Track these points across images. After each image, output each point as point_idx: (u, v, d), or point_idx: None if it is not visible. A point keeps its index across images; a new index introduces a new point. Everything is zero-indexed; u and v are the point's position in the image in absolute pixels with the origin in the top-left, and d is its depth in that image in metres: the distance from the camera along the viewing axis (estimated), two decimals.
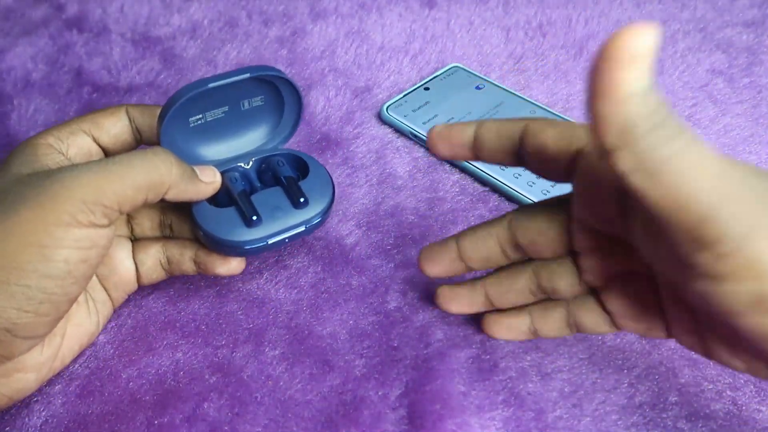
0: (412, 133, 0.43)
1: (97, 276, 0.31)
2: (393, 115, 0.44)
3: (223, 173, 0.32)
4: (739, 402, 0.29)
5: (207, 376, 0.31)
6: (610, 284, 0.26)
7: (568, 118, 0.43)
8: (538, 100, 0.46)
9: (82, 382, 0.30)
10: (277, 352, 0.32)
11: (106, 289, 0.31)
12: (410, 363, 0.31)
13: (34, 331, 0.25)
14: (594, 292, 0.27)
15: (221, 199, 0.31)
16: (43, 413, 0.29)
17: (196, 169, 0.30)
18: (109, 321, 0.33)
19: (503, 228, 0.28)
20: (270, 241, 0.30)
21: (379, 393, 0.30)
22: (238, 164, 0.33)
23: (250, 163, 0.33)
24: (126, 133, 0.31)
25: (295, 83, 0.31)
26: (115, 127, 0.30)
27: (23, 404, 0.29)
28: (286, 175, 0.32)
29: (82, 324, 0.30)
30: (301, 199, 0.31)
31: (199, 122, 0.31)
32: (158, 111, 0.31)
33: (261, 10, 0.57)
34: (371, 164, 0.42)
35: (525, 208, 0.27)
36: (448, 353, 0.31)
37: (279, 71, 0.30)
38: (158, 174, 0.27)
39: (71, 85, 0.50)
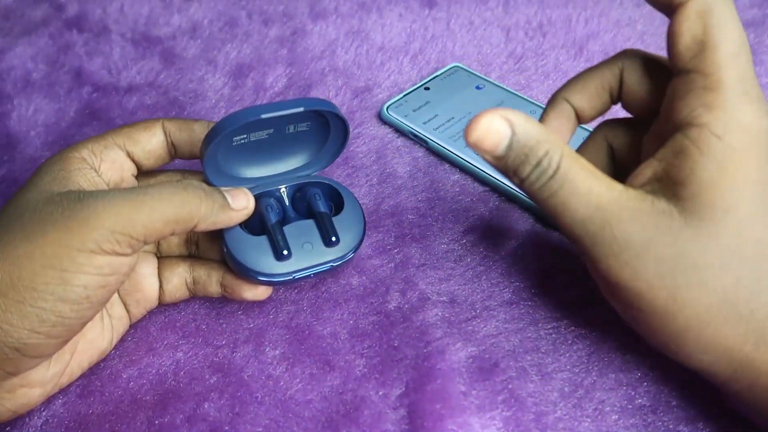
0: (412, 133, 0.43)
1: (118, 291, 0.31)
2: (393, 115, 0.44)
3: (258, 198, 0.31)
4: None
5: (207, 376, 0.31)
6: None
7: None
8: (539, 100, 0.46)
9: (83, 382, 0.30)
10: (277, 352, 0.32)
11: (126, 305, 0.31)
12: (410, 363, 0.31)
13: (43, 351, 0.25)
14: None
15: (254, 223, 0.31)
16: (44, 413, 0.29)
17: (228, 194, 0.29)
18: None
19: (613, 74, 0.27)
20: (296, 276, 0.30)
21: (380, 393, 0.30)
22: (274, 188, 0.33)
23: (286, 189, 0.33)
24: (160, 148, 0.30)
25: (345, 118, 0.31)
26: (149, 142, 0.30)
27: None
28: (321, 211, 0.32)
29: (95, 341, 0.29)
30: (333, 238, 0.31)
31: (242, 141, 0.31)
32: (195, 125, 0.30)
33: (261, 10, 0.57)
34: (371, 164, 0.42)
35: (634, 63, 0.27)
36: (448, 353, 0.31)
37: (333, 106, 0.30)
38: (188, 209, 0.26)
39: (71, 85, 0.50)
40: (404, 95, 0.46)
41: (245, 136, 0.30)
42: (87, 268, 0.24)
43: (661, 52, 0.49)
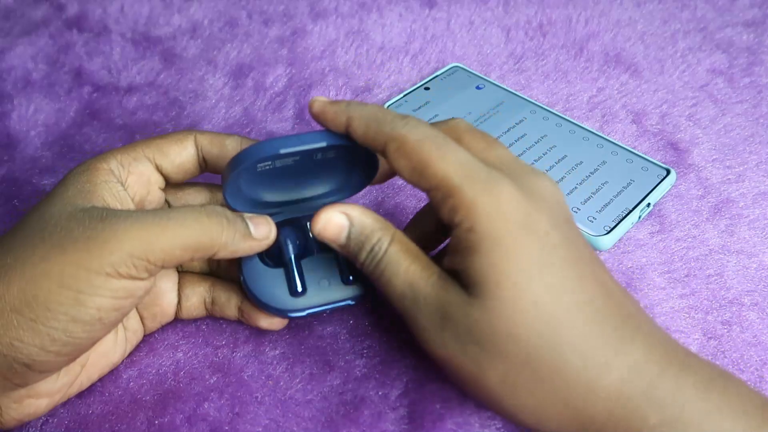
0: None
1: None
2: None
3: (280, 227, 0.30)
4: None
5: (207, 376, 0.31)
6: None
7: (568, 118, 0.43)
8: (539, 100, 0.46)
9: None
10: (277, 352, 0.32)
11: (142, 318, 0.31)
12: (410, 362, 0.31)
13: (51, 368, 0.25)
14: None
15: (273, 253, 0.30)
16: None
17: (251, 222, 0.28)
18: None
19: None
20: (310, 311, 0.29)
21: (380, 393, 0.30)
22: (299, 216, 0.32)
23: (309, 222, 0.31)
24: (190, 162, 0.30)
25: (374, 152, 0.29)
26: (179, 156, 0.30)
27: None
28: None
29: (107, 354, 0.29)
30: (351, 277, 0.30)
31: (267, 167, 0.29)
32: (227, 140, 0.30)
33: (261, 9, 0.57)
34: None
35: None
36: None
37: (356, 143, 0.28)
38: (209, 236, 0.26)
39: (71, 85, 0.50)
40: (404, 95, 0.46)
41: (270, 162, 0.29)
42: (102, 291, 0.24)
43: (661, 52, 0.49)
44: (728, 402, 0.22)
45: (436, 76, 0.48)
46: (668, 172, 0.39)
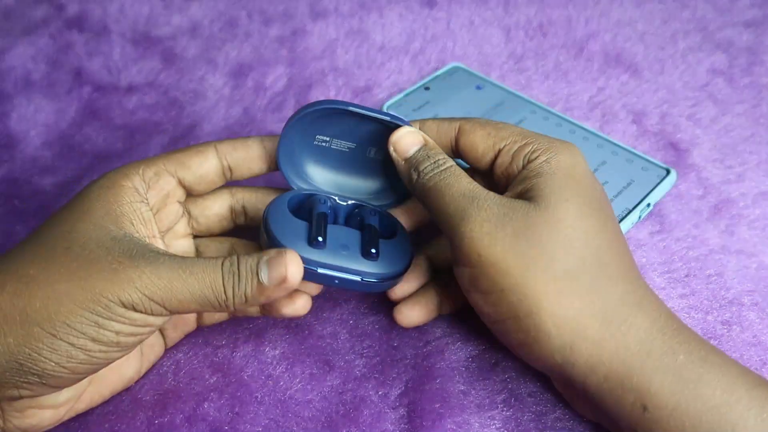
0: None
1: None
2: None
3: (315, 195, 0.31)
4: None
5: (207, 376, 0.31)
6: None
7: (568, 118, 0.43)
8: (539, 100, 0.46)
9: None
10: (277, 352, 0.32)
11: (163, 330, 0.31)
12: (410, 362, 0.31)
13: (63, 384, 0.25)
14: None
15: (303, 212, 0.30)
16: None
17: (264, 266, 0.25)
18: None
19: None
20: (320, 270, 0.28)
21: (379, 392, 0.30)
22: (336, 197, 0.32)
23: (348, 202, 0.32)
24: (212, 172, 0.30)
25: None
26: (201, 167, 0.30)
27: None
28: (370, 224, 0.30)
29: (119, 370, 0.29)
30: (372, 250, 0.29)
31: (323, 144, 0.31)
32: (249, 141, 0.31)
33: (261, 9, 0.57)
34: None
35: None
36: (448, 352, 0.31)
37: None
38: (223, 298, 0.25)
39: (71, 85, 0.50)
40: (404, 95, 0.46)
41: (328, 139, 0.30)
42: (121, 318, 0.24)
43: (662, 52, 0.49)
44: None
45: (436, 76, 0.48)
46: (668, 172, 0.39)
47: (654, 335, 0.24)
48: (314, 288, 0.31)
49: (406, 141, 0.30)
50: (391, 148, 0.30)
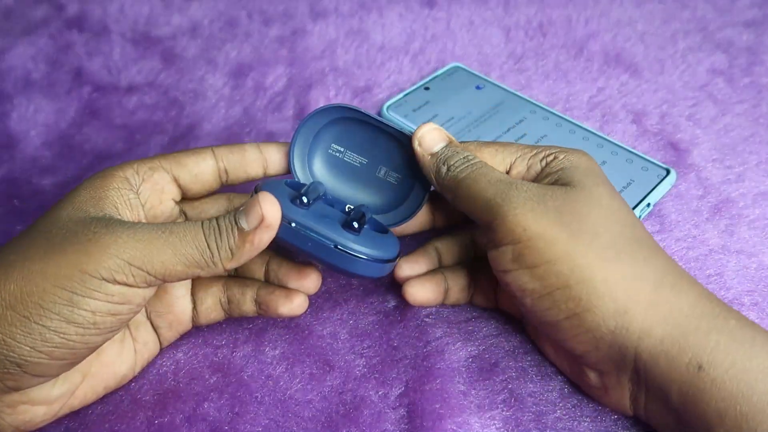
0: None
1: (148, 313, 0.30)
2: (393, 115, 0.44)
3: (316, 183, 0.31)
4: None
5: (207, 376, 0.31)
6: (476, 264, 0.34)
7: (568, 118, 0.43)
8: (539, 100, 0.46)
9: None
10: (277, 352, 0.32)
11: (156, 328, 0.31)
12: (410, 362, 0.31)
13: (45, 372, 0.25)
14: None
15: (299, 193, 0.30)
16: None
17: (244, 217, 0.25)
18: None
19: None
20: (293, 224, 0.27)
21: (379, 393, 0.30)
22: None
23: (347, 207, 0.32)
24: (208, 173, 0.30)
25: (431, 189, 0.32)
26: (197, 166, 0.30)
27: None
28: (359, 207, 0.30)
29: (112, 365, 0.29)
30: (355, 224, 0.28)
31: (337, 154, 0.32)
32: (245, 146, 0.31)
33: (261, 9, 0.57)
34: None
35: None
36: (448, 353, 0.31)
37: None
38: (209, 255, 0.25)
39: (71, 85, 0.50)
40: (404, 95, 0.46)
41: (343, 150, 0.31)
42: (97, 294, 0.24)
43: (662, 52, 0.49)
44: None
45: (436, 76, 0.48)
46: (668, 172, 0.39)
47: (703, 301, 0.25)
48: (311, 287, 0.31)
49: (432, 136, 0.30)
50: (416, 143, 0.30)
